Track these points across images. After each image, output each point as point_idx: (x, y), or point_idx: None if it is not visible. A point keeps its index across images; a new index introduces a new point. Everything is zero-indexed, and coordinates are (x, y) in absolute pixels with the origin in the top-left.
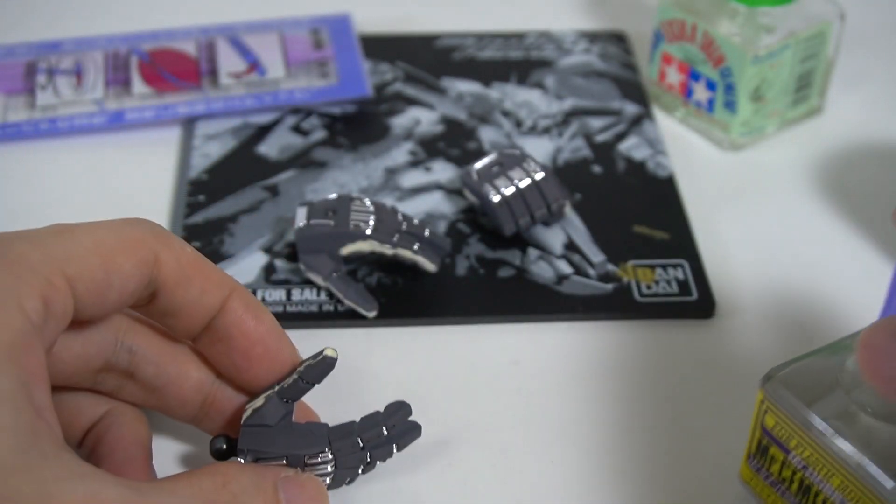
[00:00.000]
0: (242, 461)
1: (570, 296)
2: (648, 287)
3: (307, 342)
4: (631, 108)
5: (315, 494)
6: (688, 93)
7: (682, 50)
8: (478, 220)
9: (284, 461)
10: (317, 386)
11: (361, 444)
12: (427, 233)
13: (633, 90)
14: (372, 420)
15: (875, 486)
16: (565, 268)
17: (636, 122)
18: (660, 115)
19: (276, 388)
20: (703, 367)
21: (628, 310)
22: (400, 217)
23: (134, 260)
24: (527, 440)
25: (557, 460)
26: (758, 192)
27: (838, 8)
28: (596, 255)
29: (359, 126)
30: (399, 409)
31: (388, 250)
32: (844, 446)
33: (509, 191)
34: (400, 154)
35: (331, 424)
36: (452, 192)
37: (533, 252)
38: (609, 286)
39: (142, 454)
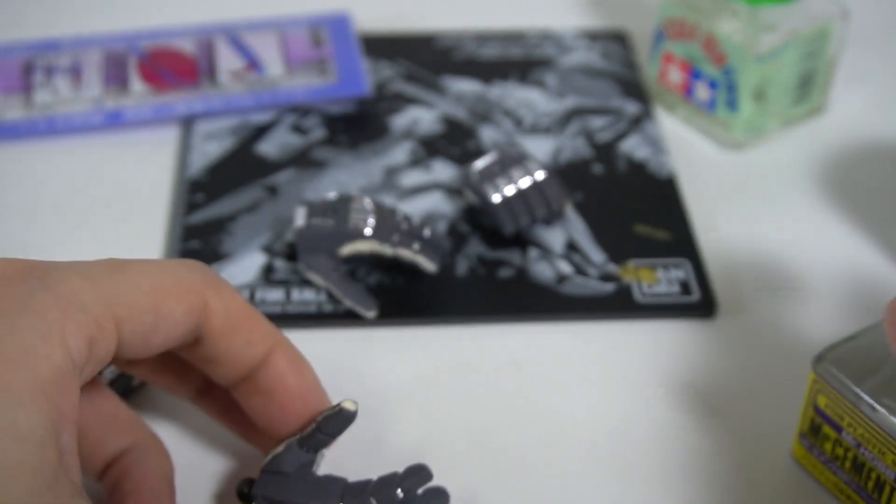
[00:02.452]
0: None
1: (570, 296)
2: (649, 287)
3: (307, 342)
4: (632, 108)
5: None
6: (689, 92)
7: (684, 49)
8: (478, 219)
9: None
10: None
11: None
12: (427, 233)
13: (635, 89)
14: (388, 481)
15: None
16: (566, 268)
17: (637, 121)
18: (661, 115)
19: (297, 436)
20: (704, 367)
21: (629, 310)
22: (400, 217)
23: (185, 306)
24: (527, 440)
25: (557, 460)
26: (760, 191)
27: (841, 6)
28: (597, 255)
29: (358, 125)
30: (418, 472)
31: (387, 250)
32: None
33: (510, 190)
34: (400, 153)
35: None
36: (452, 191)
37: (533, 252)
38: (610, 286)
39: (167, 490)
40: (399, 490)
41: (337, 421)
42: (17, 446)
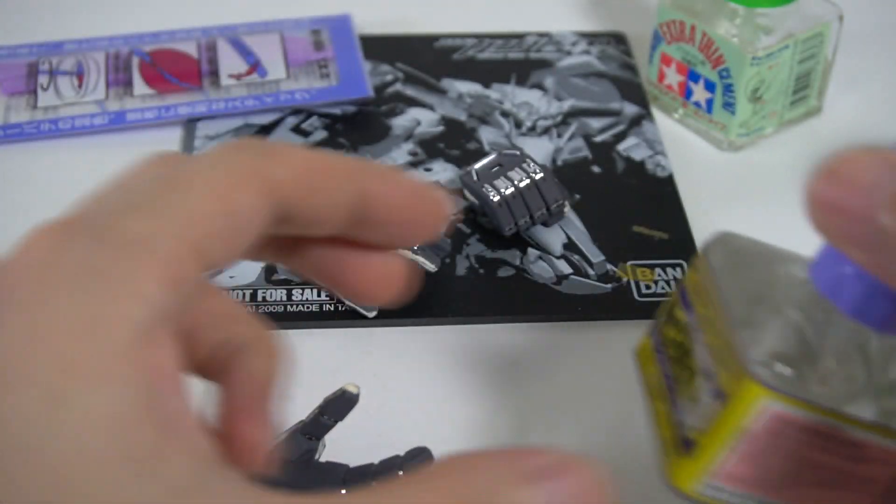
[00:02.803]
0: None
1: (569, 296)
2: (648, 287)
3: (308, 342)
4: (630, 109)
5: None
6: (687, 93)
7: (681, 51)
8: (478, 220)
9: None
10: (317, 386)
11: None
12: None
13: (633, 91)
14: (390, 463)
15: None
16: (565, 268)
17: (635, 122)
18: (659, 116)
19: (300, 424)
20: None
21: (627, 310)
22: None
23: (252, 192)
24: (526, 439)
25: None
26: (756, 192)
27: (837, 9)
28: (595, 255)
29: (359, 126)
30: (419, 454)
31: None
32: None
33: (509, 191)
34: (400, 154)
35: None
36: (452, 192)
37: (532, 252)
38: (608, 286)
39: (261, 397)
40: (401, 472)
41: (339, 404)
42: (93, 437)
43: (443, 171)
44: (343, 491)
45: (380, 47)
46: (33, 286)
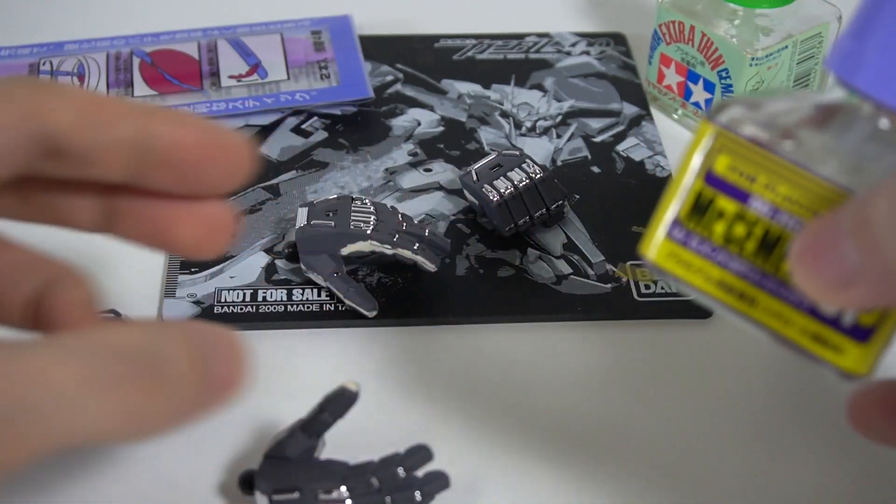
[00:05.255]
0: (260, 494)
1: (569, 296)
2: (647, 287)
3: (308, 342)
4: (629, 109)
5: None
6: (686, 94)
7: (681, 51)
8: (477, 220)
9: (297, 494)
10: (317, 386)
11: (378, 486)
12: (427, 233)
13: (632, 91)
14: (389, 461)
15: None
16: (564, 268)
17: (635, 122)
18: (658, 116)
19: (300, 421)
20: (701, 366)
21: (627, 310)
22: (400, 217)
23: (4, 110)
24: (526, 439)
25: (557, 459)
26: None
27: (836, 9)
28: (595, 256)
29: (359, 127)
30: (418, 452)
31: (388, 250)
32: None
33: (508, 192)
34: (400, 155)
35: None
36: (452, 192)
37: (532, 252)
38: (608, 286)
39: (88, 316)
40: (400, 469)
41: (339, 402)
42: None
43: (443, 172)
44: (343, 488)
45: (380, 48)
46: None
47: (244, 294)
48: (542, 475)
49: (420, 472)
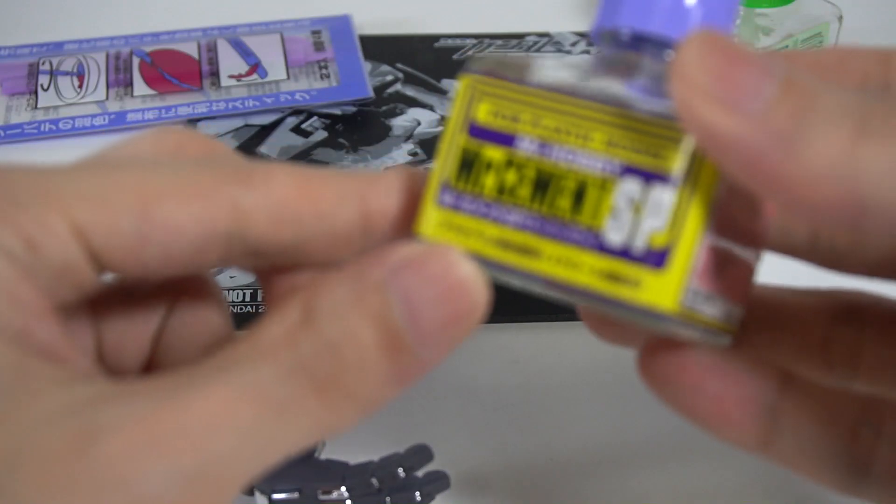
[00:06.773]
0: (260, 494)
1: None
2: None
3: None
4: None
5: (441, 276)
6: None
7: None
8: None
9: (297, 494)
10: None
11: (378, 486)
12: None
13: None
14: (388, 460)
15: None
16: None
17: None
18: None
19: None
20: None
21: None
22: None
23: (194, 210)
24: (526, 439)
25: (557, 459)
26: None
27: (836, 9)
28: None
29: (359, 127)
30: (418, 452)
31: None
32: (610, 85)
33: None
34: (400, 155)
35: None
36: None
37: None
38: None
39: (215, 343)
40: (400, 469)
41: None
42: None
43: None
44: (343, 488)
45: (380, 48)
46: None
47: (244, 294)
48: (542, 475)
49: (420, 472)
